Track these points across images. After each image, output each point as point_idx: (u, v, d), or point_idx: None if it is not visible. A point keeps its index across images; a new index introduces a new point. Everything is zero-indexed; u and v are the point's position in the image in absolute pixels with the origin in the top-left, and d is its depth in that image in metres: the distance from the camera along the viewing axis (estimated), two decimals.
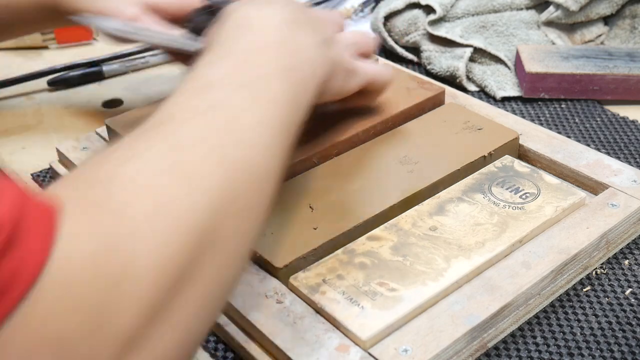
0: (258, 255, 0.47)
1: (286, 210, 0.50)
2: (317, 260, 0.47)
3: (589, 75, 0.69)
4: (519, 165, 0.54)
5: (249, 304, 0.44)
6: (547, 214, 0.50)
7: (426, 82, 0.65)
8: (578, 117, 0.68)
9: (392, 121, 0.60)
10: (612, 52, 0.73)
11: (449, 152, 0.56)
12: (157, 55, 0.80)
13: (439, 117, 0.61)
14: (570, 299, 0.48)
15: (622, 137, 0.65)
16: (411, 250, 0.47)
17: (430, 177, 0.53)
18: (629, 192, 0.52)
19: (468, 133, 0.58)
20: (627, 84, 0.69)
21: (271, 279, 0.46)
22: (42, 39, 0.84)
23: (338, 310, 0.43)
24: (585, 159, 0.56)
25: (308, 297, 0.44)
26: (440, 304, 0.44)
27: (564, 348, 0.45)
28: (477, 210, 0.50)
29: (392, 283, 0.44)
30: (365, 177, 0.53)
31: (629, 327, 0.46)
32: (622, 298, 0.48)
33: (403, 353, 0.41)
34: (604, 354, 0.44)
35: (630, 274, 0.50)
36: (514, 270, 0.46)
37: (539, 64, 0.70)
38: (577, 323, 0.46)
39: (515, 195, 0.51)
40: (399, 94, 0.63)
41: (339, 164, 0.55)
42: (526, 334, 0.46)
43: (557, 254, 0.47)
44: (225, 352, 0.45)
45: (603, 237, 0.49)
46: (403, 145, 0.57)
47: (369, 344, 0.41)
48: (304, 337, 0.42)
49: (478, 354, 0.44)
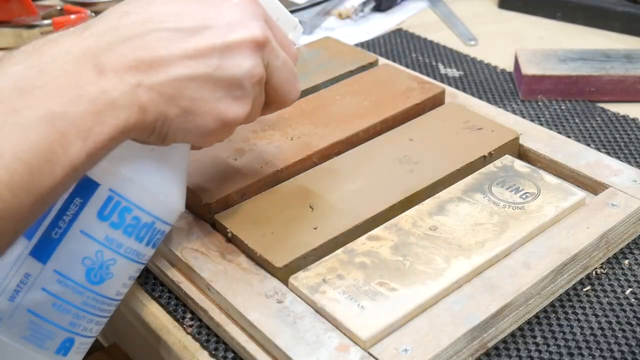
0: (258, 255, 0.47)
1: (286, 210, 0.50)
2: (317, 260, 0.47)
3: (586, 76, 0.70)
4: (519, 165, 0.54)
5: (249, 304, 0.44)
6: (547, 213, 0.50)
7: (426, 82, 0.65)
8: (578, 117, 0.68)
9: (392, 121, 0.60)
10: (609, 54, 0.73)
11: (449, 152, 0.56)
12: None
13: (439, 117, 0.61)
14: (570, 299, 0.48)
15: (622, 137, 0.65)
16: (411, 250, 0.47)
17: (430, 177, 0.53)
18: (629, 192, 0.52)
19: (468, 133, 0.58)
20: (624, 85, 0.70)
21: (271, 278, 0.46)
22: None
23: (338, 310, 0.43)
24: (585, 159, 0.56)
25: (308, 297, 0.44)
26: (440, 304, 0.44)
27: (564, 348, 0.45)
28: (477, 210, 0.50)
29: (392, 283, 0.44)
30: (365, 177, 0.53)
31: (629, 327, 0.46)
32: (622, 298, 0.48)
33: (403, 353, 0.41)
34: (604, 354, 0.44)
35: (630, 274, 0.50)
36: (514, 270, 0.46)
37: (535, 67, 0.71)
38: (577, 323, 0.46)
39: (516, 195, 0.51)
40: (399, 94, 0.63)
41: (339, 164, 0.55)
42: (526, 334, 0.46)
43: (557, 254, 0.47)
44: (225, 352, 0.45)
45: (603, 237, 0.49)
46: (403, 145, 0.57)
47: (369, 344, 0.41)
48: (304, 337, 0.42)
49: (478, 354, 0.44)
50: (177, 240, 0.49)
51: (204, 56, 0.38)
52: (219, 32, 0.39)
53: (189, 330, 0.46)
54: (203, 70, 0.38)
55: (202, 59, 0.38)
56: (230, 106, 0.40)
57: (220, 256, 0.48)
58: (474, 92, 0.73)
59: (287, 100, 0.45)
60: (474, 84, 0.75)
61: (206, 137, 0.40)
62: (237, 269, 0.47)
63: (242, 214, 0.50)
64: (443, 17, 0.92)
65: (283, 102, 0.45)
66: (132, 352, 0.61)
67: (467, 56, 0.81)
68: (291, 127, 0.59)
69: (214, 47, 0.38)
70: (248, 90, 0.40)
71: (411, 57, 0.81)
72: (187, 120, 0.38)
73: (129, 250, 0.41)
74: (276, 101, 0.44)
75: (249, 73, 0.40)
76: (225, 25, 0.39)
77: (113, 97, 0.34)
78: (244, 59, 0.39)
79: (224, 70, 0.39)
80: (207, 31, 0.38)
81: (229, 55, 0.39)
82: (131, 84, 0.35)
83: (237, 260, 0.47)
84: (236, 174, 0.53)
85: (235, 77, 0.39)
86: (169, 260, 0.50)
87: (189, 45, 0.37)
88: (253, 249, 0.47)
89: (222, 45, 0.38)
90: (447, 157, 0.55)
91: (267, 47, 0.41)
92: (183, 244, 0.49)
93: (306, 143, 0.57)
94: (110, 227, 0.40)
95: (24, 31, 0.83)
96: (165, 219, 0.43)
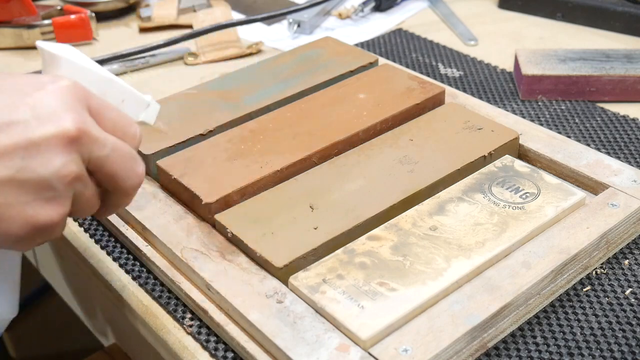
0: (258, 255, 0.47)
1: (286, 210, 0.50)
2: (317, 260, 0.47)
3: (586, 77, 0.70)
4: (519, 165, 0.54)
5: (249, 304, 0.44)
6: (547, 213, 0.50)
7: (426, 82, 0.65)
8: (578, 117, 0.68)
9: (392, 121, 0.60)
10: (609, 54, 0.73)
11: (449, 152, 0.56)
12: (157, 56, 0.80)
13: (439, 117, 0.61)
14: (570, 299, 0.48)
15: (622, 137, 0.65)
16: (411, 250, 0.47)
17: (430, 177, 0.53)
18: (629, 192, 0.52)
19: (468, 133, 0.58)
20: (624, 85, 0.70)
21: (271, 279, 0.46)
22: (42, 39, 0.84)
23: (338, 310, 0.43)
24: (585, 159, 0.56)
25: (308, 297, 0.44)
26: (440, 304, 0.44)
27: (564, 348, 0.45)
28: (477, 210, 0.50)
29: (392, 283, 0.44)
30: (365, 177, 0.53)
31: (629, 327, 0.46)
32: (622, 298, 0.48)
33: (403, 353, 0.41)
34: (604, 354, 0.44)
35: (630, 274, 0.50)
36: (514, 270, 0.46)
37: (535, 67, 0.71)
38: (577, 323, 0.46)
39: (516, 195, 0.51)
40: (399, 94, 0.63)
41: (339, 164, 0.55)
42: (526, 334, 0.46)
43: (557, 254, 0.47)
44: (225, 352, 0.45)
45: (603, 237, 0.49)
46: (403, 145, 0.57)
47: (369, 344, 0.41)
48: (304, 337, 0.42)
49: (478, 354, 0.44)
50: (177, 240, 0.49)
51: (6, 156, 0.34)
52: (25, 128, 0.35)
53: (189, 330, 0.46)
54: (4, 173, 0.34)
55: (3, 161, 0.34)
56: (41, 210, 0.36)
57: (220, 256, 0.48)
58: (474, 92, 0.73)
59: (126, 187, 0.40)
60: (474, 84, 0.75)
61: (17, 243, 0.37)
62: (237, 269, 0.47)
63: (242, 214, 0.50)
64: (443, 17, 0.92)
65: (122, 190, 0.41)
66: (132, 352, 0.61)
67: (467, 56, 0.81)
68: (291, 127, 0.59)
69: (16, 145, 0.34)
70: (60, 191, 0.36)
71: (411, 57, 0.81)
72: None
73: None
74: (115, 189, 0.40)
75: (59, 173, 0.36)
76: (33, 119, 0.35)
77: None
78: (52, 157, 0.35)
79: (29, 171, 0.35)
80: (11, 128, 0.35)
81: (34, 154, 0.35)
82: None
83: (237, 260, 0.47)
84: (236, 174, 0.53)
85: (44, 178, 0.35)
86: (169, 260, 0.50)
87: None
88: (253, 249, 0.47)
89: (27, 142, 0.35)
90: (447, 157, 0.55)
91: (83, 140, 0.36)
92: (183, 244, 0.49)
93: (306, 143, 0.57)
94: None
95: (24, 31, 0.83)
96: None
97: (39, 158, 0.35)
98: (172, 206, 0.53)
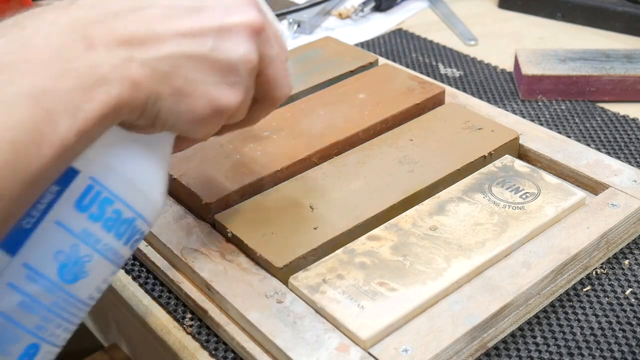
0: (258, 255, 0.47)
1: (286, 210, 0.50)
2: (317, 260, 0.47)
3: (585, 76, 0.70)
4: (519, 165, 0.54)
5: (249, 304, 0.44)
6: (547, 213, 0.50)
7: (426, 82, 0.65)
8: (578, 117, 0.68)
9: (392, 121, 0.60)
10: (609, 54, 0.73)
11: (449, 152, 0.56)
12: None
13: (439, 117, 0.61)
14: (570, 299, 0.48)
15: (623, 137, 0.65)
16: (411, 250, 0.47)
17: (430, 177, 0.53)
18: (629, 192, 0.52)
19: (468, 133, 0.58)
20: (624, 85, 0.70)
21: (271, 278, 0.46)
22: None
23: (338, 310, 0.43)
24: (585, 159, 0.56)
25: (308, 297, 0.44)
26: (440, 304, 0.44)
27: (564, 348, 0.45)
28: (477, 210, 0.50)
29: (392, 283, 0.44)
30: (365, 177, 0.53)
31: (629, 327, 0.46)
32: (622, 298, 0.48)
33: (403, 353, 0.41)
34: (604, 354, 0.44)
35: (630, 274, 0.50)
36: (514, 270, 0.46)
37: (535, 67, 0.71)
38: (577, 323, 0.46)
39: (516, 195, 0.51)
40: (399, 94, 0.63)
41: (339, 164, 0.55)
42: (526, 334, 0.46)
43: (557, 254, 0.47)
44: (225, 352, 0.45)
45: (603, 237, 0.49)
46: (403, 145, 0.57)
47: (369, 344, 0.41)
48: (304, 337, 0.42)
49: (478, 354, 0.44)
50: (177, 240, 0.49)
51: (200, 36, 0.36)
52: (215, 13, 0.37)
53: (189, 330, 0.46)
54: (198, 49, 0.36)
55: (198, 39, 0.36)
56: (224, 92, 0.38)
57: (220, 256, 0.48)
58: (474, 92, 0.73)
59: (279, 95, 0.42)
60: (474, 84, 0.75)
61: (196, 124, 0.38)
62: (237, 269, 0.47)
63: (242, 214, 0.50)
64: (443, 17, 0.92)
65: (273, 98, 0.42)
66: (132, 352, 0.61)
67: (467, 56, 0.81)
68: (291, 127, 0.59)
69: (210, 27, 0.37)
70: (243, 77, 0.38)
71: (411, 57, 0.81)
72: (180, 102, 0.36)
73: (107, 247, 0.37)
74: (267, 96, 0.42)
75: (245, 58, 0.38)
76: (222, 8, 0.37)
77: (103, 71, 0.32)
78: (239, 43, 0.38)
79: (220, 52, 0.37)
80: (204, 11, 0.37)
81: (226, 37, 0.37)
82: (123, 58, 0.33)
83: (237, 260, 0.47)
84: (236, 174, 0.53)
85: (232, 61, 0.37)
86: (169, 260, 0.50)
87: (185, 24, 0.36)
88: (253, 249, 0.47)
89: (219, 26, 0.37)
90: (447, 157, 0.55)
91: (263, 34, 0.39)
92: (183, 244, 0.49)
93: (306, 143, 0.57)
94: (88, 219, 0.36)
95: None
96: (146, 216, 0.39)
97: (229, 42, 0.37)
98: (172, 206, 0.53)
